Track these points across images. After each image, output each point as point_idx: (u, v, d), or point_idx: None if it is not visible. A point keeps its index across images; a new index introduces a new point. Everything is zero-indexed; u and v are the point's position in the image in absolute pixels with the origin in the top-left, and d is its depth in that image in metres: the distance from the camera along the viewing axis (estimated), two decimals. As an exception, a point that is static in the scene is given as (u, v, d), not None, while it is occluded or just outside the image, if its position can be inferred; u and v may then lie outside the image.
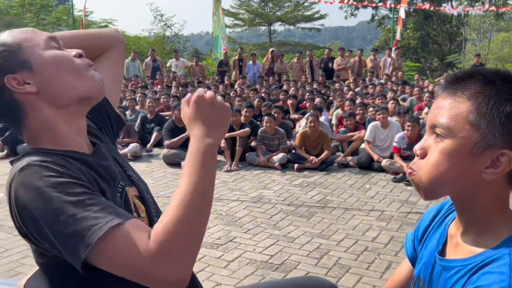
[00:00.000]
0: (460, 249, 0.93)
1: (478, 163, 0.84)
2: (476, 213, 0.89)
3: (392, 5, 17.74)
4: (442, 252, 0.98)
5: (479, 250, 0.87)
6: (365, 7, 28.16)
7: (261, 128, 6.72)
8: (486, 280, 0.80)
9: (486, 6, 19.79)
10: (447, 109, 0.87)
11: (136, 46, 20.32)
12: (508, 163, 0.82)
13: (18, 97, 1.01)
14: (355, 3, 22.55)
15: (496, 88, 0.83)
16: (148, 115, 7.93)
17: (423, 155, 0.90)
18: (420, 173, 0.89)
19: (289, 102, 8.82)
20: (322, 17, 30.64)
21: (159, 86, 12.05)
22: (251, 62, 13.92)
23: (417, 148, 0.92)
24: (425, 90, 9.63)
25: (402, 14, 14.97)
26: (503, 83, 0.84)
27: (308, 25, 32.29)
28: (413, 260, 1.15)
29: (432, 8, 17.83)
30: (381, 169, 6.06)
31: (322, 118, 7.24)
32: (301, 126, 7.16)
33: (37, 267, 1.09)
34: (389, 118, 6.67)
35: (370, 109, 7.37)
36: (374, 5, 24.87)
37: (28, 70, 1.02)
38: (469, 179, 0.85)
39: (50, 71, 1.02)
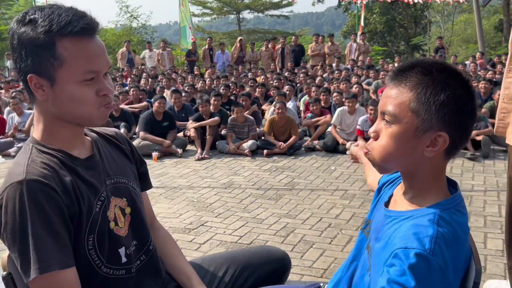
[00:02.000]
0: (398, 204, 1.12)
1: (420, 143, 1.01)
2: (416, 181, 1.07)
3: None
4: (387, 204, 1.17)
5: (413, 207, 1.06)
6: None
7: (231, 117, 6.88)
8: (412, 229, 0.97)
9: None
10: (393, 98, 1.03)
11: (103, 38, 20.05)
12: (444, 143, 1.00)
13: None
14: None
15: (433, 78, 0.99)
16: (114, 113, 7.78)
17: (376, 137, 1.07)
18: (373, 153, 1.07)
19: (258, 90, 8.99)
20: (290, 4, 30.74)
21: (128, 79, 12.02)
22: (220, 51, 13.99)
23: (371, 131, 1.09)
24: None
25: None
26: (438, 74, 1.00)
27: (277, 12, 32.39)
28: (378, 191, 1.29)
29: None
30: (346, 151, 6.33)
31: (290, 105, 7.45)
32: (269, 113, 7.36)
33: None
34: (357, 106, 6.90)
35: (335, 94, 7.62)
36: None
37: (50, 84, 1.11)
38: (413, 156, 1.03)
39: (64, 99, 1.12)
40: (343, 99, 7.18)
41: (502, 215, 3.99)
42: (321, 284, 1.45)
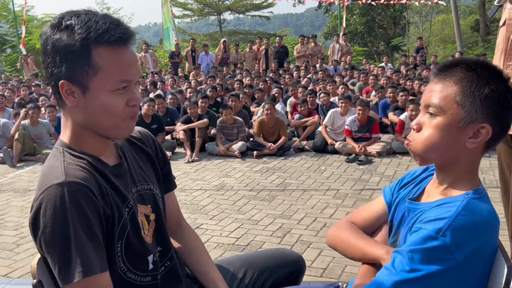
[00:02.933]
0: (430, 197, 1.16)
1: (463, 134, 1.06)
2: (453, 172, 1.11)
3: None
4: (415, 200, 1.20)
5: (443, 197, 1.10)
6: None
7: (220, 118, 6.88)
8: (436, 212, 1.04)
9: None
10: (438, 91, 1.09)
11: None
12: (487, 134, 1.06)
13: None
14: None
15: (477, 74, 1.06)
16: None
17: (419, 129, 1.12)
18: (415, 144, 1.12)
19: (246, 90, 9.00)
20: (270, 5, 30.87)
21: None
22: (203, 53, 13.95)
23: (414, 123, 1.13)
24: (370, 74, 10.08)
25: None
26: (482, 70, 1.07)
27: (257, 13, 32.46)
28: (390, 204, 1.33)
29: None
30: (335, 151, 6.40)
31: (278, 107, 7.49)
32: (258, 114, 7.39)
33: None
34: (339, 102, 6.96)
35: (322, 94, 7.69)
36: None
37: (82, 92, 1.10)
38: (456, 147, 1.08)
39: (95, 108, 1.11)
40: (331, 100, 7.25)
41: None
42: (340, 284, 1.48)
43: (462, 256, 0.99)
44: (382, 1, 19.80)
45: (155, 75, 11.96)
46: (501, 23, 2.04)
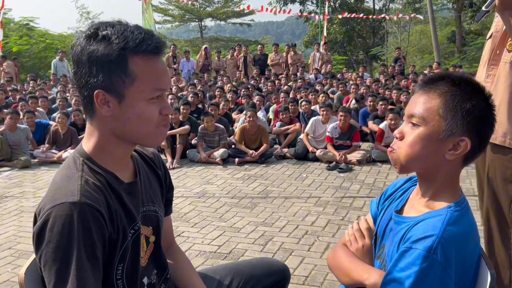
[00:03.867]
0: (414, 209, 1.18)
1: (443, 146, 1.10)
2: (434, 183, 1.15)
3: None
4: (400, 212, 1.24)
5: (426, 210, 1.13)
6: (293, 2, 28.98)
7: (202, 125, 6.86)
8: (422, 228, 1.06)
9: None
10: (422, 103, 1.13)
11: (63, 45, 19.51)
12: (466, 147, 1.09)
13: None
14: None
15: (461, 89, 1.10)
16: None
17: (401, 138, 1.15)
18: (398, 151, 1.15)
19: (229, 95, 9.05)
20: (251, 12, 30.98)
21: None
22: (184, 59, 13.92)
23: (396, 132, 1.17)
24: (351, 82, 10.22)
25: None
26: (466, 86, 1.11)
27: (238, 20, 32.56)
28: (375, 217, 1.37)
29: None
30: (316, 159, 6.46)
31: (260, 114, 7.52)
32: (240, 121, 7.39)
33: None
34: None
35: (303, 102, 7.76)
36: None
37: (118, 101, 1.11)
38: (435, 158, 1.12)
39: (131, 116, 1.12)
40: (312, 108, 7.31)
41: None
42: None
43: (453, 269, 1.01)
44: (361, 15, 20.22)
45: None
46: (488, 36, 2.10)
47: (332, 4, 28.88)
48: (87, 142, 1.18)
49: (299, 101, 8.11)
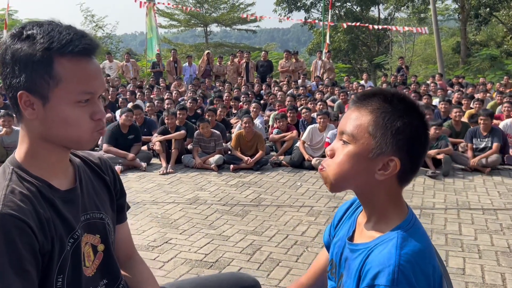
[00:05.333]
0: (364, 234, 1.12)
1: (373, 165, 1.04)
2: (375, 205, 1.09)
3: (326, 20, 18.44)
4: (352, 238, 1.18)
5: (377, 235, 1.07)
6: (298, 9, 29.01)
7: (197, 131, 6.81)
8: (377, 260, 1.00)
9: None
10: (353, 119, 1.07)
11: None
12: (395, 167, 1.03)
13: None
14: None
15: (392, 106, 1.04)
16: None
17: (332, 155, 1.10)
18: (328, 170, 1.09)
19: (232, 103, 9.03)
20: (255, 20, 31.03)
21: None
22: (187, 64, 13.91)
23: (328, 149, 1.11)
24: (351, 93, 10.15)
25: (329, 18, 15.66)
26: (398, 103, 1.05)
27: (244, 26, 32.61)
28: (328, 247, 1.33)
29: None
30: (312, 167, 6.38)
31: (257, 121, 7.46)
32: (237, 127, 7.34)
33: None
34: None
35: (303, 110, 7.72)
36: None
37: (42, 103, 1.05)
38: (365, 177, 1.05)
39: (55, 119, 1.07)
40: (313, 115, 7.27)
41: (463, 233, 4.09)
42: None
43: None
44: (367, 25, 20.21)
45: (136, 86, 11.83)
46: None
47: (337, 12, 28.92)
48: (19, 150, 1.14)
49: (299, 108, 8.07)
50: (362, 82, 13.18)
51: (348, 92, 10.18)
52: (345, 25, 20.90)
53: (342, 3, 28.96)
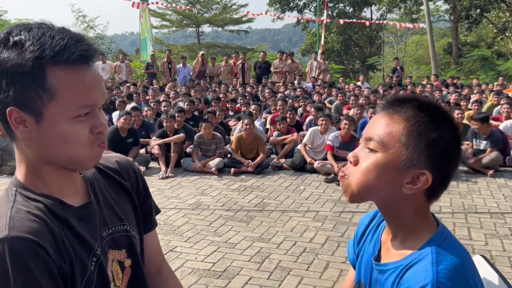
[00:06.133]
0: (391, 252, 1.03)
1: (401, 178, 0.94)
2: (400, 221, 1.00)
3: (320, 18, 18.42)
4: (378, 257, 1.08)
5: (407, 252, 0.98)
6: (291, 10, 28.98)
7: (198, 134, 6.69)
8: (414, 279, 0.91)
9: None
10: (383, 126, 0.97)
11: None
12: (426, 182, 0.94)
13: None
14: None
15: (428, 115, 0.95)
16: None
17: (356, 163, 1.00)
18: (351, 178, 0.99)
19: (228, 105, 8.94)
20: (250, 20, 30.95)
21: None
22: (181, 65, 13.77)
23: (350, 156, 1.01)
24: (350, 93, 10.10)
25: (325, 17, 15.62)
26: (434, 112, 0.95)
27: (236, 27, 32.48)
28: (355, 265, 1.23)
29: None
30: (314, 171, 6.29)
31: (256, 123, 7.37)
32: (237, 130, 7.24)
33: None
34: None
35: (312, 110, 7.70)
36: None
37: (36, 120, 0.91)
38: (391, 190, 0.96)
39: (51, 137, 0.93)
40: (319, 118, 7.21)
41: (473, 238, 4.04)
42: None
43: None
44: (364, 21, 20.20)
45: (130, 87, 11.65)
46: None
47: (330, 13, 28.92)
48: (19, 170, 1.00)
49: (297, 109, 8.00)
50: (358, 83, 13.13)
51: (346, 93, 10.13)
52: (341, 21, 20.85)
53: (335, 4, 28.98)
